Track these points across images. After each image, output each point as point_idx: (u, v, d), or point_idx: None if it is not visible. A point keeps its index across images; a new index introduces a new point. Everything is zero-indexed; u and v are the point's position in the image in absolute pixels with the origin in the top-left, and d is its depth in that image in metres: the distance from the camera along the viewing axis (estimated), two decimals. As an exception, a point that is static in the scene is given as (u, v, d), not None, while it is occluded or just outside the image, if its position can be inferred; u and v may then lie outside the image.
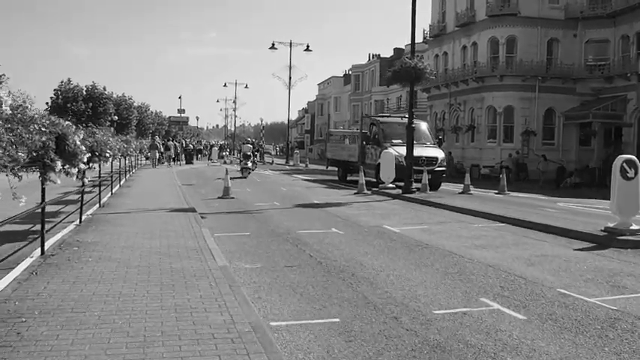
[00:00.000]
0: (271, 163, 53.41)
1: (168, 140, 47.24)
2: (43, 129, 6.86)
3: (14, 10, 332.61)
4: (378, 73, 78.12)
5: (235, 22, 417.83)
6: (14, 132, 5.68)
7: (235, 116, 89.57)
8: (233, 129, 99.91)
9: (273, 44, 52.98)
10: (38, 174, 7.40)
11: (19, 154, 5.64)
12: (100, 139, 11.62)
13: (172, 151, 42.29)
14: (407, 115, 28.13)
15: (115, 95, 62.65)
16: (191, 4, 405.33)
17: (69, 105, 49.87)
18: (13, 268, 7.29)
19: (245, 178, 30.08)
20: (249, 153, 32.50)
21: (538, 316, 6.17)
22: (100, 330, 5.02)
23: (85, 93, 54.28)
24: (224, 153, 62.20)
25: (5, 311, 5.49)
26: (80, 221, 12.01)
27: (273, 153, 65.58)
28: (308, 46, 53.89)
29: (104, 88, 55.85)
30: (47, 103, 52.76)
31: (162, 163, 42.23)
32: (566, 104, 40.73)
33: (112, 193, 18.90)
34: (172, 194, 19.28)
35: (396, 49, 79.39)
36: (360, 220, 14.15)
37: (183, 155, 45.51)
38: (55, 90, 53.20)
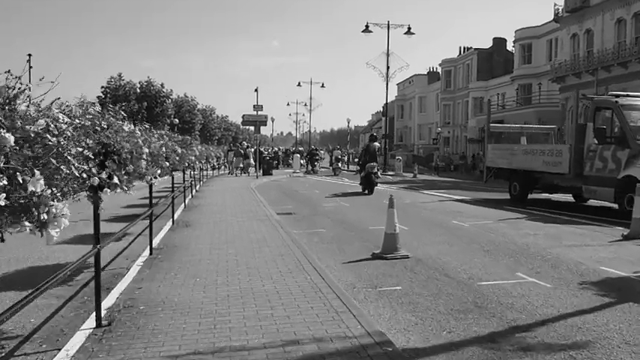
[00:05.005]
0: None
1: (248, 147, 38.16)
2: None
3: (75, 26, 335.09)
4: (475, 67, 66.79)
5: (295, 31, 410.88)
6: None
7: (310, 118, 79.45)
8: (308, 133, 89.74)
9: (367, 26, 42.58)
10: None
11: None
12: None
13: (252, 159, 33.08)
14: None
15: (175, 95, 53.36)
16: (251, 13, 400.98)
17: (118, 105, 40.34)
18: None
19: (337, 175, 38.00)
20: (339, 157, 43.24)
21: None
22: None
23: (138, 91, 44.83)
24: (302, 161, 51.93)
25: None
26: None
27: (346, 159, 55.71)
28: (409, 29, 43.26)
29: (162, 85, 46.27)
30: (94, 104, 43.53)
31: (246, 173, 36.65)
32: None
33: (150, 252, 8.85)
34: (273, 248, 9.12)
35: (496, 39, 67.92)
36: None
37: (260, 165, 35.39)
38: (102, 87, 43.91)
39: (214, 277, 7.25)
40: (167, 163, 8.54)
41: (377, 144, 22.53)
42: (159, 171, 6.56)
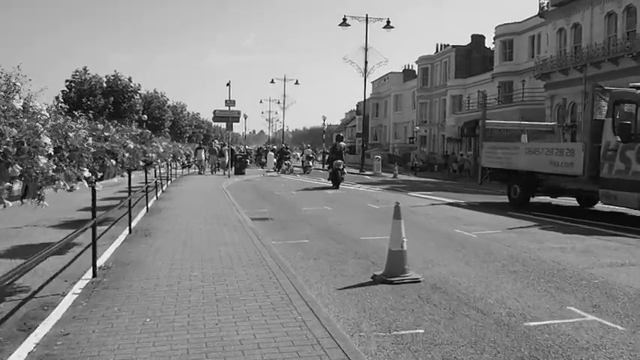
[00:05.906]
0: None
1: (223, 145, 36.40)
2: None
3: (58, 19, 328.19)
4: (453, 65, 65.36)
5: (270, 26, 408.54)
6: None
7: (284, 116, 77.60)
8: (282, 131, 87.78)
9: (344, 19, 40.76)
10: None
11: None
12: None
13: (227, 157, 31.23)
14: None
15: (144, 91, 50.98)
16: (225, 8, 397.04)
17: (84, 100, 38.08)
18: None
19: (308, 173, 37.15)
20: (311, 155, 43.00)
21: None
22: None
23: (105, 85, 42.41)
24: (276, 159, 49.72)
25: None
26: None
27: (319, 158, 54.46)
28: (389, 22, 41.55)
29: (130, 80, 43.86)
30: (57, 98, 40.97)
31: (219, 171, 35.71)
32: None
33: (93, 274, 6.92)
34: (249, 268, 7.25)
35: (474, 36, 66.66)
36: None
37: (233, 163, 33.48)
38: (67, 81, 41.43)
39: (171, 317, 5.32)
40: (113, 162, 6.58)
41: (343, 143, 25.83)
42: (86, 172, 4.57)
